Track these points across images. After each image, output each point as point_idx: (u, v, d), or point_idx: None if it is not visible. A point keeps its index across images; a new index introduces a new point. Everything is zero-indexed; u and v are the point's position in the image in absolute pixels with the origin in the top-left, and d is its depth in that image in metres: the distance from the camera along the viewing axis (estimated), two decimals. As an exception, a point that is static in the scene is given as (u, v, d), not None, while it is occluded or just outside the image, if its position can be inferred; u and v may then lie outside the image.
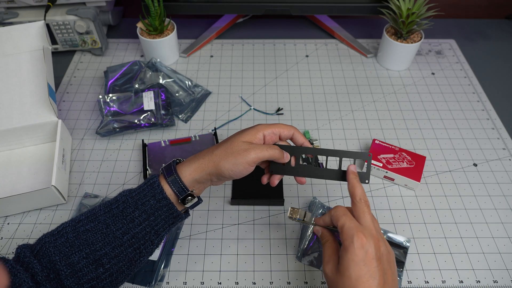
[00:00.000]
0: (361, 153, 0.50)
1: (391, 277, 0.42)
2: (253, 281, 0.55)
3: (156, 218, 0.46)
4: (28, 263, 0.42)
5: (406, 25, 0.78)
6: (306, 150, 0.51)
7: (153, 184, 0.46)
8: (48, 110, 0.67)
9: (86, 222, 0.45)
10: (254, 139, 0.48)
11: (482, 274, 0.56)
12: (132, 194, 0.46)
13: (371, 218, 0.44)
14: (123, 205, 0.46)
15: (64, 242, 0.44)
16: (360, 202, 0.45)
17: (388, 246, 0.44)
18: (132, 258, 0.45)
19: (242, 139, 0.48)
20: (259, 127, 0.49)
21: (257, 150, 0.47)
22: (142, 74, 0.78)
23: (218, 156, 0.47)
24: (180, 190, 0.46)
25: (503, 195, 0.64)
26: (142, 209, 0.45)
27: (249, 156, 0.46)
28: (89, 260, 0.43)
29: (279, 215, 0.62)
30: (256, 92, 0.81)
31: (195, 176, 0.47)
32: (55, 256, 0.43)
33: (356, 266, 0.40)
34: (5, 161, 0.68)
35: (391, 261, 0.43)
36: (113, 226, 0.44)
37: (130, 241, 0.45)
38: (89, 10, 0.82)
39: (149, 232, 0.45)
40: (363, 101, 0.79)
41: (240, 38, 0.94)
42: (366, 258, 0.40)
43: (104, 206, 0.46)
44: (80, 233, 0.44)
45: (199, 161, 0.47)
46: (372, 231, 0.42)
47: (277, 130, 0.49)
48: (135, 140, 0.72)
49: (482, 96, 0.80)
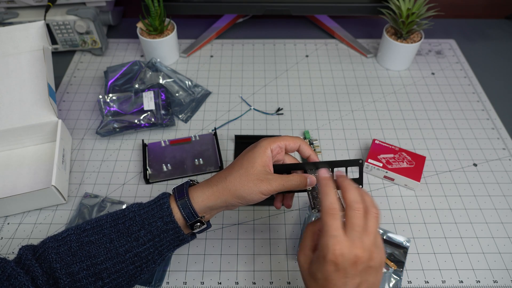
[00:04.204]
0: (353, 161, 0.49)
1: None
2: (253, 281, 0.55)
3: (161, 240, 0.44)
4: (29, 266, 0.42)
5: (406, 25, 0.78)
6: (297, 166, 0.49)
7: (162, 206, 0.45)
8: (48, 110, 0.67)
9: (91, 233, 0.44)
10: (266, 160, 0.46)
11: (482, 274, 0.56)
12: (141, 211, 0.45)
13: (361, 231, 0.39)
14: (130, 222, 0.45)
15: (67, 251, 0.43)
16: (351, 210, 0.40)
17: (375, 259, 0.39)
18: (133, 275, 0.45)
19: (256, 164, 0.45)
20: (264, 143, 0.46)
21: (279, 181, 0.45)
22: (142, 74, 0.78)
23: (233, 184, 0.45)
24: (189, 215, 0.45)
25: (503, 195, 0.64)
26: (148, 229, 0.44)
27: (270, 187, 0.44)
28: (89, 273, 0.43)
29: (279, 215, 0.62)
30: (256, 92, 0.81)
31: (208, 203, 0.45)
32: (56, 264, 0.42)
33: (324, 277, 0.38)
34: (5, 161, 0.68)
35: (371, 273, 0.39)
36: (117, 242, 0.44)
37: (132, 259, 0.44)
38: (89, 10, 0.82)
39: (153, 252, 0.45)
40: (363, 101, 0.79)
41: (240, 38, 0.94)
42: (335, 275, 0.38)
43: (111, 219, 0.46)
44: (84, 243, 0.44)
45: (213, 188, 0.45)
46: (355, 249, 0.38)
47: (282, 143, 0.47)
48: (135, 140, 0.72)
49: (482, 96, 0.80)
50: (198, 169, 0.67)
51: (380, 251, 0.40)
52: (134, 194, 0.64)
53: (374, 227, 0.40)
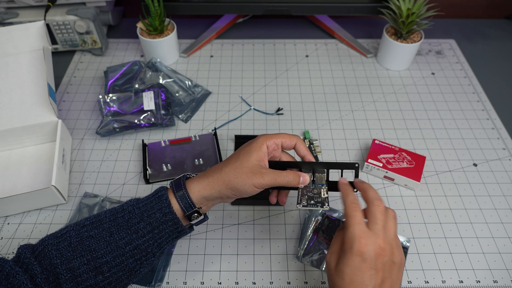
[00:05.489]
0: (349, 164, 0.50)
1: (389, 285, 0.41)
2: (253, 281, 0.55)
3: (161, 231, 0.45)
4: (28, 264, 0.42)
5: (406, 25, 0.78)
6: (292, 164, 0.50)
7: (161, 197, 0.46)
8: (48, 110, 0.67)
9: (90, 228, 0.45)
10: (261, 155, 0.47)
11: (482, 274, 0.56)
12: (139, 204, 0.46)
13: (383, 225, 0.42)
14: (129, 215, 0.45)
15: (67, 246, 0.44)
16: (373, 205, 0.43)
17: (397, 255, 0.42)
18: (133, 268, 0.45)
19: (251, 158, 0.47)
20: (261, 139, 0.48)
21: (272, 176, 0.46)
22: (142, 74, 0.78)
23: (227, 175, 0.46)
24: (187, 206, 0.46)
25: (503, 195, 0.64)
26: (147, 221, 0.45)
27: (263, 181, 0.46)
28: (90, 267, 0.43)
29: (279, 215, 0.62)
30: (256, 92, 0.81)
31: (204, 193, 0.47)
32: (56, 259, 0.43)
33: (351, 271, 0.40)
34: (5, 161, 0.68)
35: (394, 270, 0.41)
36: (117, 235, 0.44)
37: (132, 251, 0.44)
38: (89, 10, 0.82)
39: (152, 244, 0.45)
40: (363, 101, 0.79)
41: (240, 38, 0.94)
42: (363, 266, 0.40)
43: (110, 214, 0.46)
44: (84, 238, 0.44)
45: (208, 178, 0.47)
46: (378, 239, 0.40)
47: (279, 140, 0.49)
48: (135, 140, 0.72)
49: (482, 96, 0.80)
50: (198, 169, 0.67)
51: (401, 251, 0.43)
52: (134, 194, 0.64)
53: (393, 226, 0.43)
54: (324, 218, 0.59)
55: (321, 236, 0.57)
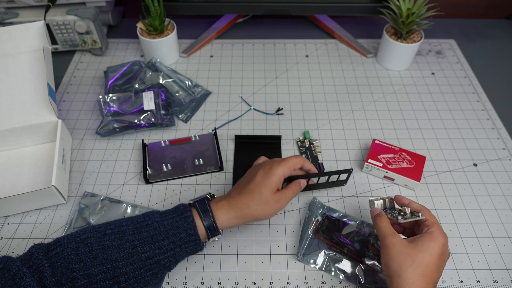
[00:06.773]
0: (345, 170, 0.59)
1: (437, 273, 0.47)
2: (253, 281, 0.55)
3: (182, 250, 0.48)
4: (39, 266, 0.43)
5: (406, 25, 0.78)
6: (300, 177, 0.57)
7: (187, 219, 0.48)
8: (48, 110, 0.67)
9: (113, 238, 0.46)
10: (279, 185, 0.54)
11: (482, 274, 0.56)
12: (164, 222, 0.48)
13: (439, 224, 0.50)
14: (154, 231, 0.47)
15: (88, 253, 0.44)
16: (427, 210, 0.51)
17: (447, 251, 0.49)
18: (148, 280, 0.47)
19: (273, 191, 0.53)
20: (279, 171, 0.53)
21: (287, 199, 0.54)
22: (142, 74, 0.78)
23: (257, 211, 0.51)
24: (213, 232, 0.50)
25: (503, 195, 0.64)
26: (171, 239, 0.47)
27: (282, 207, 0.53)
28: (108, 275, 0.44)
29: (279, 215, 0.62)
30: (256, 92, 0.81)
31: (231, 225, 0.51)
32: (75, 264, 0.43)
33: (430, 256, 0.45)
34: (5, 161, 0.68)
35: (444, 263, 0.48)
36: (140, 249, 0.46)
37: (152, 265, 0.46)
38: (89, 10, 0.82)
39: (171, 260, 0.47)
40: (363, 101, 0.79)
41: (240, 38, 0.94)
42: (439, 257, 0.46)
43: (132, 226, 0.48)
44: (106, 247, 0.45)
45: (237, 213, 0.51)
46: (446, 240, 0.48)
47: (291, 167, 0.55)
48: (135, 140, 0.72)
49: (482, 96, 0.80)
50: (198, 169, 0.67)
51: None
52: (134, 194, 0.64)
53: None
54: (324, 218, 0.59)
55: (321, 236, 0.57)
